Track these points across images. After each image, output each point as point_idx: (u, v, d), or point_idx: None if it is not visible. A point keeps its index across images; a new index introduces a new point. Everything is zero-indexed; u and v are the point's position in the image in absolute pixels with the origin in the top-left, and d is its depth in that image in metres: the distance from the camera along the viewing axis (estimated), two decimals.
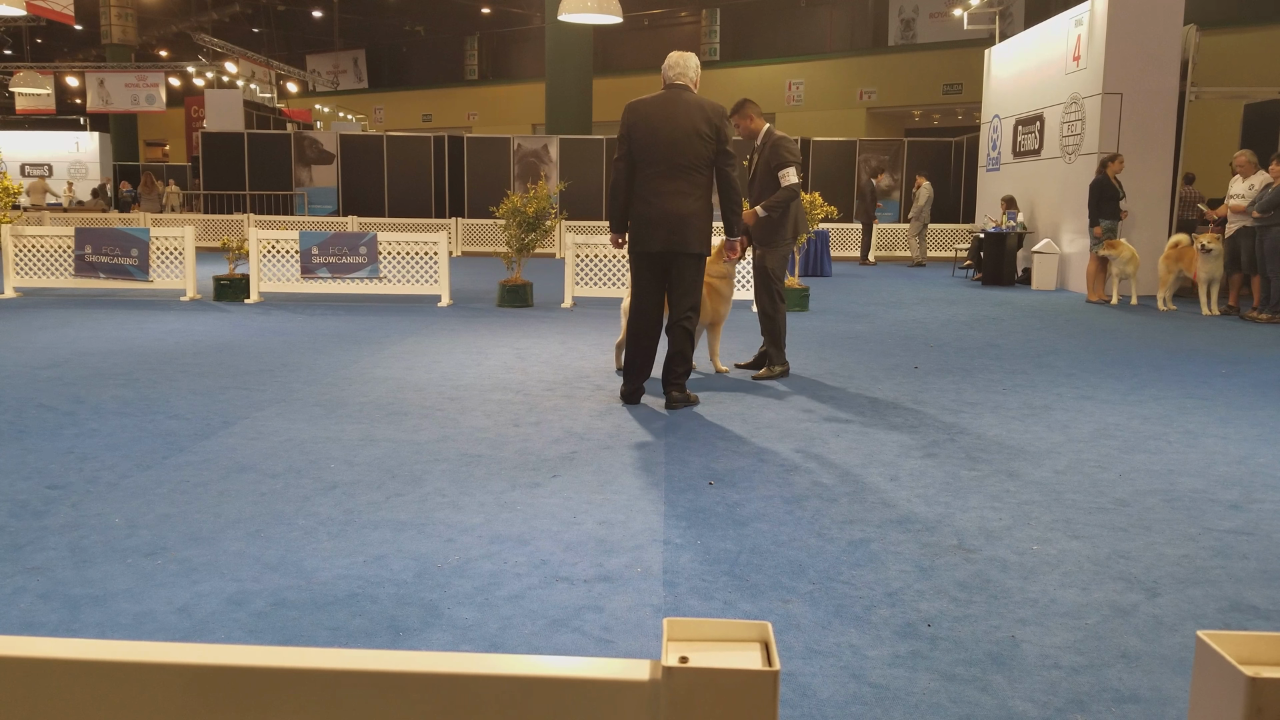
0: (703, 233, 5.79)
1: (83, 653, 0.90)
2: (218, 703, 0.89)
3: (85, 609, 2.96)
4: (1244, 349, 8.71)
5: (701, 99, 5.77)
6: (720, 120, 5.72)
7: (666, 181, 5.69)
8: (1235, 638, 0.90)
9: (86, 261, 11.71)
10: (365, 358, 7.63)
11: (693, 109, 5.69)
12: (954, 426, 5.53)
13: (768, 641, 0.92)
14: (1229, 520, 3.97)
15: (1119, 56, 13.48)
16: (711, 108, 5.73)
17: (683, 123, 5.66)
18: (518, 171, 23.14)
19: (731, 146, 5.75)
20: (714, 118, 5.70)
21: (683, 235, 5.72)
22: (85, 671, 0.89)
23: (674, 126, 5.66)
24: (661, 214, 5.70)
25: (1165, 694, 2.55)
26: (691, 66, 5.84)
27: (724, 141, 5.72)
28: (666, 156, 5.67)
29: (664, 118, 5.68)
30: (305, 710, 0.89)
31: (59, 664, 0.89)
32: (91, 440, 4.96)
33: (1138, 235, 13.39)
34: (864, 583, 3.24)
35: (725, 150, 5.73)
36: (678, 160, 5.67)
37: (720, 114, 5.74)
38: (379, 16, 40.37)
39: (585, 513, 3.92)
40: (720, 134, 5.70)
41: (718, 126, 5.69)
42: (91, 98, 31.80)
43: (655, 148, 5.68)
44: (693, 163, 5.67)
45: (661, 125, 5.67)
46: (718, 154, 5.72)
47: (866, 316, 10.92)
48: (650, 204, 5.72)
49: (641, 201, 5.76)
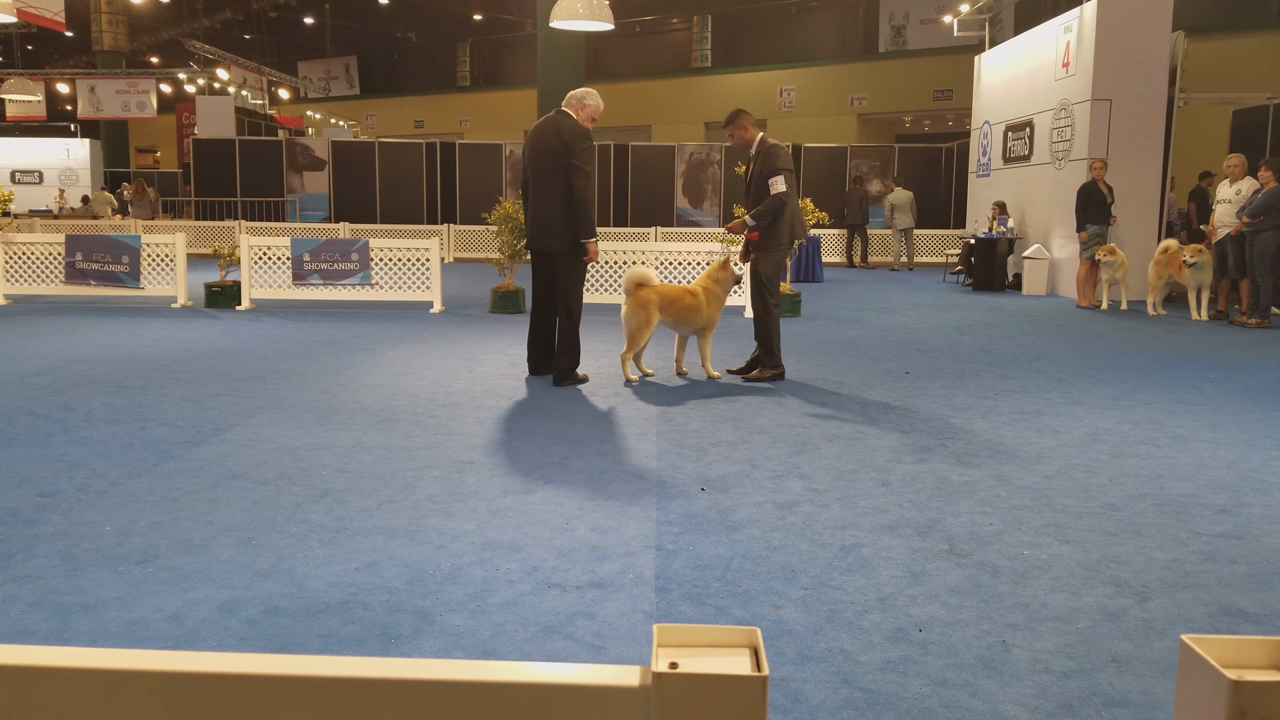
0: (562, 234, 6.66)
1: (74, 661, 0.90)
2: (209, 711, 0.90)
3: (76, 617, 2.96)
4: (1233, 353, 8.75)
5: (564, 119, 6.65)
6: (570, 135, 6.56)
7: (537, 189, 6.74)
8: (1219, 641, 0.91)
9: (77, 269, 11.68)
10: (357, 364, 7.62)
11: (552, 126, 6.67)
12: (945, 431, 5.55)
13: (757, 647, 0.93)
14: (1218, 525, 3.99)
15: (1108, 63, 13.55)
16: (566, 125, 6.61)
17: (545, 138, 6.67)
18: (510, 178, 23.15)
19: (580, 159, 6.54)
20: (564, 133, 6.58)
21: (546, 235, 6.74)
22: (77, 680, 0.89)
23: (539, 142, 6.71)
24: (532, 217, 6.82)
25: (1155, 698, 2.56)
26: (577, 96, 6.74)
27: (571, 154, 6.55)
28: (534, 168, 6.75)
29: (535, 136, 6.77)
30: (298, 718, 0.89)
31: (50, 672, 0.89)
32: (82, 448, 4.95)
33: (1127, 240, 13.45)
34: (855, 588, 3.25)
35: (571, 162, 6.56)
36: (541, 171, 6.69)
37: (572, 130, 6.58)
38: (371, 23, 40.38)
39: (577, 519, 3.92)
40: (568, 147, 6.54)
41: (566, 140, 6.55)
42: (82, 104, 31.73)
43: (530, 161, 6.81)
44: (552, 171, 6.62)
45: (534, 142, 6.77)
46: (568, 165, 6.57)
47: (858, 322, 10.95)
48: (529, 209, 6.87)
49: (526, 207, 6.92)
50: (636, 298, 6.82)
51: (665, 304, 6.88)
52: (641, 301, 6.81)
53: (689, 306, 6.95)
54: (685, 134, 32.50)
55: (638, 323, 6.83)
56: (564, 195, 6.61)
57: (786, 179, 6.88)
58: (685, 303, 6.94)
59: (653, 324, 6.87)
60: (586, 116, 6.75)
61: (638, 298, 6.82)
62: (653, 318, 6.85)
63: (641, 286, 6.85)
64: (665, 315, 6.91)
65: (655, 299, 6.84)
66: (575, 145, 6.56)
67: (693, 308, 6.96)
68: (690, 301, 6.96)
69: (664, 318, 6.92)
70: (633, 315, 6.83)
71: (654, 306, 6.84)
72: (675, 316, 6.95)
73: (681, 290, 7.02)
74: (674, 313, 6.94)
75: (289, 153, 23.89)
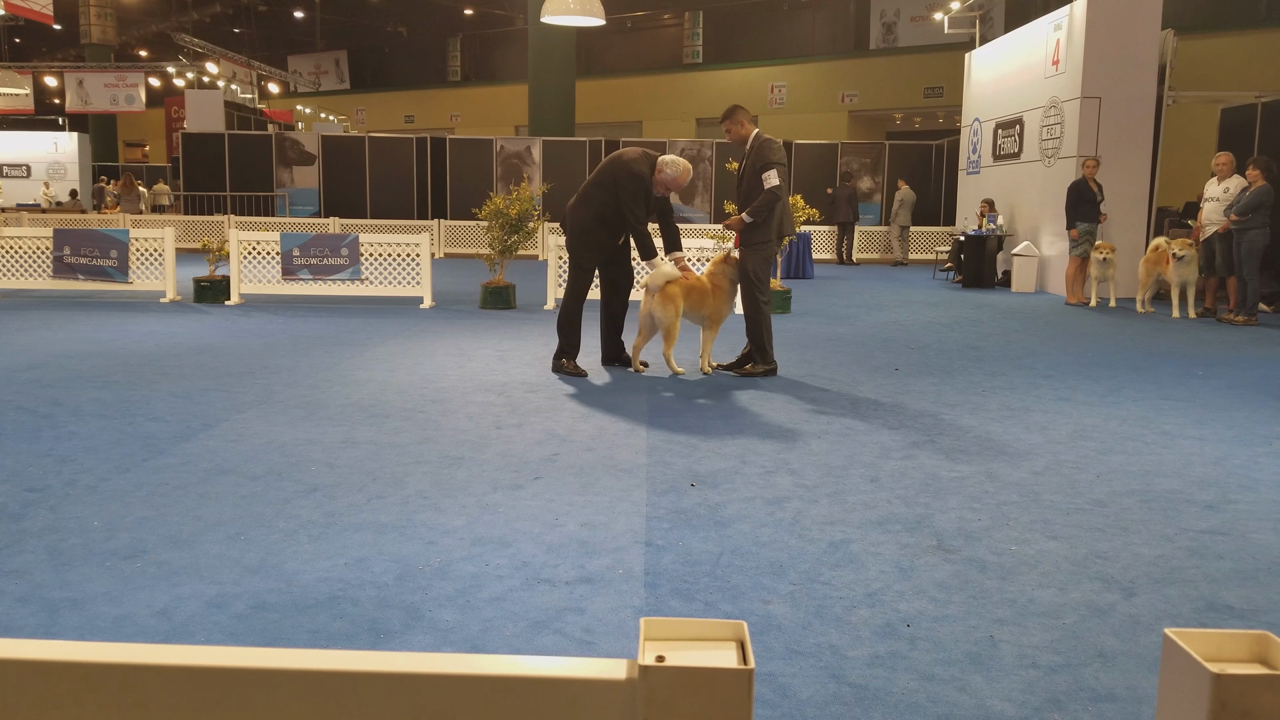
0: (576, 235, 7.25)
1: (61, 655, 0.90)
2: (198, 705, 0.90)
3: (64, 612, 2.95)
4: (1220, 351, 8.79)
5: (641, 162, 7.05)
6: (624, 176, 7.01)
7: (582, 195, 7.25)
8: (1202, 635, 0.92)
9: (65, 263, 11.62)
10: (347, 359, 7.61)
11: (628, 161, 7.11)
12: (934, 428, 5.57)
13: (743, 640, 0.93)
14: (1205, 520, 4.01)
15: (1098, 61, 13.58)
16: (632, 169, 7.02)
17: (615, 164, 7.14)
18: (500, 173, 23.11)
19: (626, 196, 6.99)
20: (622, 173, 7.05)
21: (568, 232, 7.33)
22: (64, 674, 0.89)
23: (613, 161, 7.20)
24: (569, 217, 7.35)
25: (1141, 693, 2.58)
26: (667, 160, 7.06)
27: (619, 189, 7.02)
28: (592, 177, 7.28)
29: (615, 156, 7.26)
30: (286, 711, 0.90)
31: (37, 666, 0.89)
32: (70, 443, 4.93)
33: (1116, 238, 13.50)
34: (844, 583, 3.26)
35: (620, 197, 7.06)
36: (592, 182, 7.21)
37: (628, 173, 7.01)
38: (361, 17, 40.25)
39: (567, 514, 3.92)
40: (618, 183, 7.03)
41: (618, 179, 7.04)
42: (70, 98, 31.55)
43: (595, 170, 7.34)
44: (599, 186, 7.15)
45: (609, 159, 7.28)
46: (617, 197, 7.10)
47: (848, 318, 10.97)
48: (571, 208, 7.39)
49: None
50: (665, 293, 6.96)
51: (686, 292, 7.07)
52: (670, 296, 6.98)
53: (702, 292, 7.15)
54: (676, 130, 32.52)
55: (670, 317, 7.00)
56: (596, 211, 7.09)
57: (779, 173, 6.88)
58: (700, 289, 7.15)
59: (680, 315, 7.07)
60: (660, 179, 7.05)
61: (666, 293, 6.96)
62: (680, 309, 7.05)
63: (669, 283, 6.94)
64: (685, 304, 7.03)
65: (679, 291, 7.03)
66: (626, 185, 6.98)
67: (702, 293, 7.15)
68: (701, 288, 7.16)
69: (684, 306, 7.05)
70: (664, 312, 6.98)
71: (680, 299, 7.03)
72: (690, 304, 7.08)
73: (696, 279, 7.22)
74: (691, 300, 7.11)
75: (279, 147, 23.80)
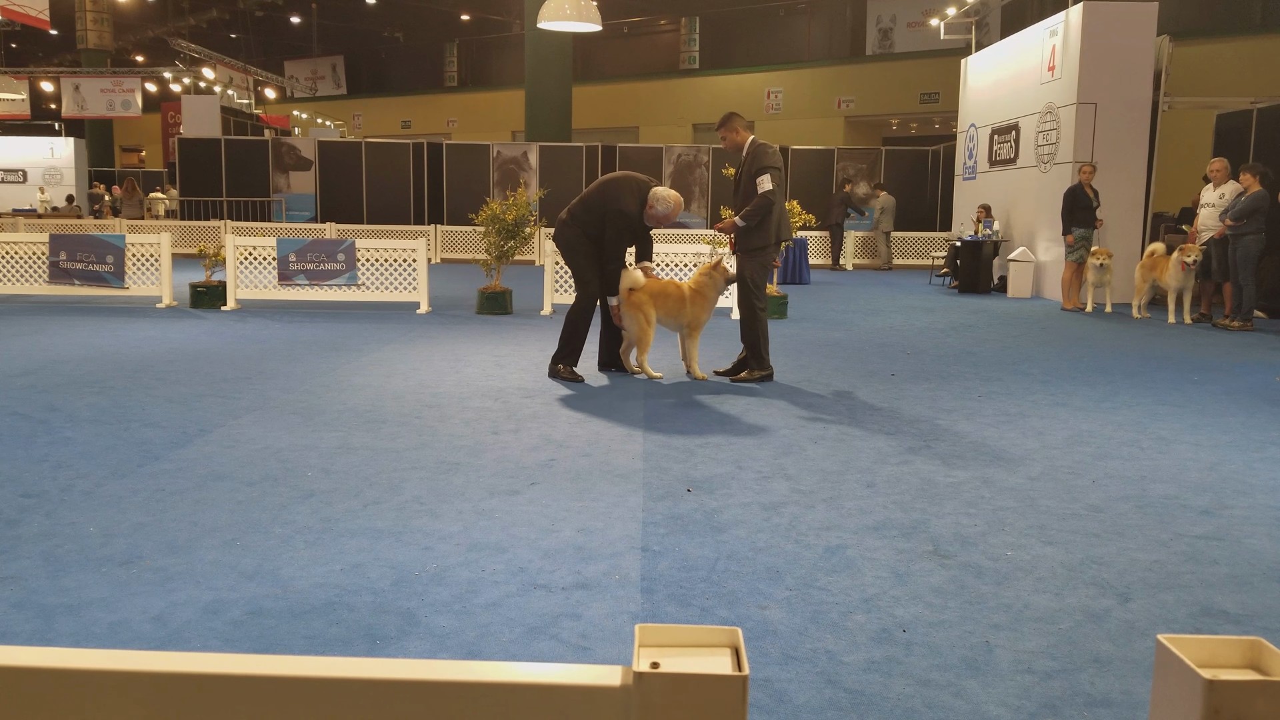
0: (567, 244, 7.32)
1: (57, 661, 0.90)
2: (194, 712, 0.90)
3: (59, 618, 2.94)
4: (1215, 356, 8.81)
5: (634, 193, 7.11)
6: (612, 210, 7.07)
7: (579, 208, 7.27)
8: (1194, 641, 0.92)
9: (61, 268, 11.61)
10: (343, 365, 7.60)
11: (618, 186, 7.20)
12: (930, 433, 5.57)
13: (738, 647, 0.94)
14: (1200, 526, 4.01)
15: (1093, 67, 13.62)
16: (620, 200, 7.08)
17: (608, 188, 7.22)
18: (497, 178, 23.13)
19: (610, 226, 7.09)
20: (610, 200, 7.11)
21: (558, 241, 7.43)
22: (60, 680, 0.89)
23: (608, 182, 7.28)
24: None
25: (1136, 698, 2.58)
26: (659, 194, 7.08)
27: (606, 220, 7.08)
28: (590, 191, 7.35)
29: (611, 177, 7.36)
30: (282, 718, 0.90)
31: (33, 673, 0.89)
32: (66, 448, 4.92)
33: (1111, 244, 13.53)
34: (840, 588, 3.26)
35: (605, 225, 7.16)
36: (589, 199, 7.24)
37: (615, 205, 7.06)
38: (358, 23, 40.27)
39: (563, 520, 3.92)
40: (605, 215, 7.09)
41: (605, 210, 7.08)
42: (67, 103, 31.56)
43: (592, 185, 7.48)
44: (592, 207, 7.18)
45: (605, 179, 7.38)
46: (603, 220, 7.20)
47: (844, 324, 10.98)
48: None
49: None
50: (630, 302, 6.96)
51: (655, 299, 7.04)
52: (636, 304, 6.96)
53: (677, 299, 7.10)
54: (673, 135, 32.54)
55: (639, 326, 7.01)
56: (581, 230, 7.15)
57: (773, 177, 6.89)
58: (671, 294, 7.09)
59: (653, 321, 7.05)
60: (651, 214, 7.09)
61: (631, 302, 6.96)
62: (651, 315, 7.02)
63: (633, 291, 6.93)
64: (658, 311, 7.03)
65: (646, 298, 6.99)
66: (614, 221, 7.06)
67: (677, 299, 7.10)
68: (675, 294, 7.11)
69: (659, 314, 7.05)
70: (631, 320, 7.01)
71: (648, 306, 6.99)
72: (664, 311, 7.07)
73: (667, 283, 7.18)
74: (666, 307, 7.08)
75: (275, 152, 23.80)
